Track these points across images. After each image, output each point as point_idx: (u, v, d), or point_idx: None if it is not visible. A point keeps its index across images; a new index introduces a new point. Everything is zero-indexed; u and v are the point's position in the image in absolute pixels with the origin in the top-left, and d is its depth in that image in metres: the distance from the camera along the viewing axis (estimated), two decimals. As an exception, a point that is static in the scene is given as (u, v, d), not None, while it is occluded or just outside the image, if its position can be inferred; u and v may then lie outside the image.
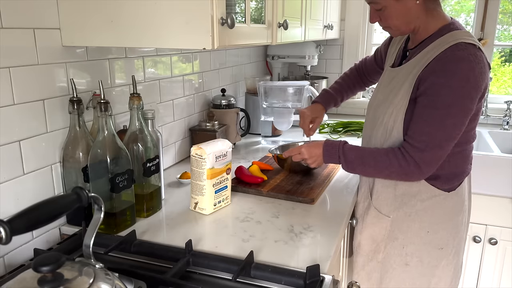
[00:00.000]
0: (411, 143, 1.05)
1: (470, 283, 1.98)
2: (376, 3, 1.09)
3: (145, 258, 0.94)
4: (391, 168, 1.08)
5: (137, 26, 0.95)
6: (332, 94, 1.49)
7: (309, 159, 1.22)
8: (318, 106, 1.47)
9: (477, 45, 1.03)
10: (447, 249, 1.17)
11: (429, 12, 1.09)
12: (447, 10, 2.58)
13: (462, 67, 0.99)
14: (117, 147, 1.01)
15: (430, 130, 1.03)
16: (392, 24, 1.12)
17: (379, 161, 1.10)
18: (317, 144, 1.22)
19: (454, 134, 1.04)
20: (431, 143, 1.03)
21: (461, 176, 1.16)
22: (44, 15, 0.98)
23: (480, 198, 1.82)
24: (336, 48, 2.53)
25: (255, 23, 1.19)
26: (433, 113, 1.02)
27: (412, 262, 1.19)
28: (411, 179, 1.12)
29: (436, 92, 1.01)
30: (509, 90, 2.62)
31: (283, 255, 0.95)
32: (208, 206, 1.15)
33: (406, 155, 1.05)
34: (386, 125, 1.14)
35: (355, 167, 1.15)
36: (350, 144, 1.17)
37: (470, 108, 1.03)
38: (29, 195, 0.99)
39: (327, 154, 1.18)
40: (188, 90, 1.64)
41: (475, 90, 1.01)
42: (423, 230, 1.16)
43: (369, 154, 1.12)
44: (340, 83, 1.52)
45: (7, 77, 0.91)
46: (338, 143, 1.17)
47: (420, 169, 1.05)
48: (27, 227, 0.59)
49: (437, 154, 1.05)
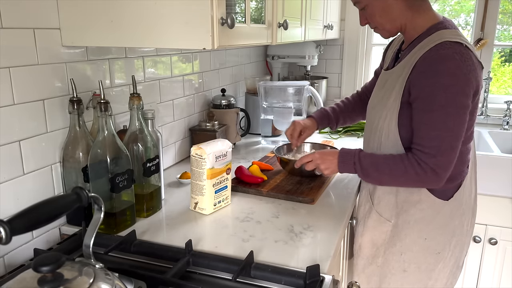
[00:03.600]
0: (422, 150, 1.04)
1: (470, 283, 1.98)
2: (359, 2, 1.12)
3: (145, 258, 0.94)
4: (407, 175, 1.06)
5: (137, 26, 0.95)
6: (329, 113, 1.46)
7: (322, 165, 1.19)
8: (311, 121, 1.44)
9: (464, 44, 1.01)
10: (444, 253, 1.17)
11: (414, 9, 1.09)
12: (447, 10, 2.58)
13: (449, 66, 0.98)
14: (117, 147, 1.01)
15: (438, 134, 1.02)
16: (377, 22, 1.13)
17: (394, 169, 1.08)
18: (331, 152, 1.20)
19: (460, 132, 1.03)
20: (442, 146, 1.02)
21: (456, 179, 1.14)
22: (44, 15, 0.98)
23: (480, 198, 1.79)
24: (336, 48, 2.53)
25: (255, 23, 1.19)
26: (432, 116, 1.02)
27: (410, 269, 1.19)
28: (428, 185, 1.11)
29: (429, 95, 1.01)
30: (509, 90, 2.62)
31: (283, 255, 0.95)
32: (208, 206, 1.15)
33: (421, 163, 1.03)
34: (381, 129, 1.14)
35: (370, 175, 1.12)
36: (365, 152, 1.16)
37: (467, 103, 1.01)
38: (29, 195, 0.99)
39: (342, 161, 1.15)
40: (188, 90, 1.64)
41: (468, 86, 1.00)
42: (421, 238, 1.16)
43: (384, 161, 1.10)
44: (339, 105, 1.49)
45: (7, 77, 0.91)
46: (353, 151, 1.15)
47: (437, 175, 1.03)
48: (27, 227, 0.59)
49: (450, 156, 1.03)
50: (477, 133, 2.22)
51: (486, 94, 2.29)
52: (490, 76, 2.27)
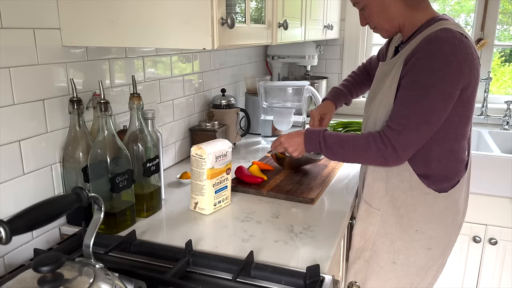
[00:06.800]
0: (389, 126, 1.04)
1: (470, 283, 1.98)
2: (358, 3, 1.13)
3: (145, 258, 0.94)
4: (369, 151, 1.06)
5: (137, 26, 0.95)
6: (342, 90, 1.48)
7: (289, 147, 1.20)
8: (328, 103, 1.46)
9: (464, 34, 1.00)
10: (435, 250, 1.16)
11: (412, 8, 1.09)
12: (447, 10, 2.58)
13: (445, 49, 0.97)
14: (117, 147, 1.01)
15: (409, 113, 1.01)
16: (375, 22, 1.13)
17: (357, 145, 1.08)
18: (297, 133, 1.20)
19: (432, 119, 1.01)
20: (409, 125, 1.01)
21: (452, 179, 1.14)
22: (44, 15, 0.98)
23: (480, 198, 1.82)
24: (336, 48, 2.53)
25: (255, 23, 1.19)
26: (411, 94, 1.01)
27: (399, 260, 1.17)
28: (388, 163, 1.09)
29: (416, 73, 1.00)
30: (509, 90, 2.62)
31: (283, 255, 0.95)
32: (208, 206, 1.15)
33: (384, 138, 1.04)
34: (376, 115, 1.13)
35: (335, 152, 1.12)
36: (331, 131, 1.16)
37: (451, 92, 0.99)
38: (29, 195, 0.99)
39: (308, 140, 1.17)
40: (188, 90, 1.64)
41: (458, 75, 0.98)
42: (412, 228, 1.15)
43: (348, 138, 1.11)
44: (349, 80, 1.51)
45: (7, 77, 0.91)
46: (318, 130, 1.16)
47: (397, 153, 1.03)
48: (27, 227, 0.59)
49: (413, 138, 1.03)
50: (477, 133, 2.22)
51: (486, 94, 2.29)
52: (490, 76, 2.27)
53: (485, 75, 2.24)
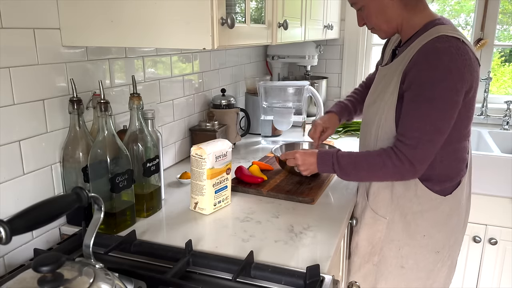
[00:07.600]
0: (402, 141, 1.04)
1: (470, 283, 1.98)
2: (355, 3, 1.15)
3: (145, 258, 0.94)
4: (385, 168, 1.06)
5: (137, 26, 0.95)
6: (347, 104, 1.46)
7: (301, 166, 1.21)
8: (333, 116, 1.44)
9: (461, 39, 1.01)
10: (443, 252, 1.17)
11: (410, 9, 1.09)
12: (447, 10, 2.58)
13: (444, 59, 0.98)
14: (117, 147, 1.01)
15: (420, 125, 1.02)
16: (373, 23, 1.14)
17: (372, 164, 1.08)
18: (312, 153, 1.20)
19: (443, 128, 1.02)
20: (422, 138, 1.02)
21: (454, 178, 1.14)
22: (44, 15, 0.98)
23: (480, 198, 1.82)
24: (336, 48, 2.53)
25: (255, 23, 1.19)
26: (418, 107, 1.02)
27: (408, 265, 1.18)
28: (405, 178, 1.10)
29: (420, 86, 1.01)
30: (509, 90, 2.62)
31: (283, 255, 0.95)
32: (208, 206, 1.15)
33: (399, 154, 1.04)
34: (378, 123, 1.14)
35: (349, 173, 1.12)
36: (343, 151, 1.16)
37: (456, 100, 1.01)
38: (29, 195, 0.99)
39: (321, 161, 1.17)
40: (188, 90, 1.64)
41: (460, 82, 0.99)
42: (419, 233, 1.16)
43: (362, 157, 1.11)
44: (354, 97, 1.50)
45: (7, 77, 0.91)
46: (331, 151, 1.16)
47: (414, 167, 1.04)
48: (27, 227, 0.59)
49: (429, 149, 1.04)
50: (477, 133, 2.22)
51: (486, 94, 2.29)
52: (490, 76, 2.26)
53: (485, 75, 2.24)
